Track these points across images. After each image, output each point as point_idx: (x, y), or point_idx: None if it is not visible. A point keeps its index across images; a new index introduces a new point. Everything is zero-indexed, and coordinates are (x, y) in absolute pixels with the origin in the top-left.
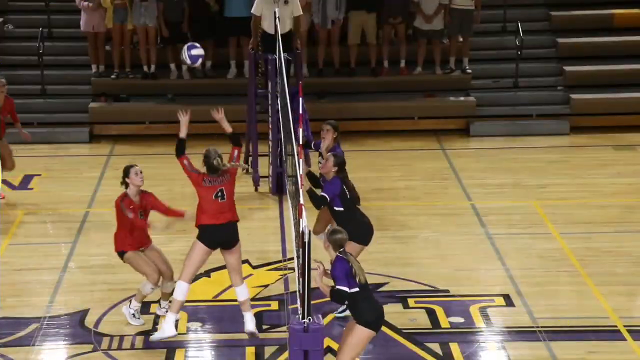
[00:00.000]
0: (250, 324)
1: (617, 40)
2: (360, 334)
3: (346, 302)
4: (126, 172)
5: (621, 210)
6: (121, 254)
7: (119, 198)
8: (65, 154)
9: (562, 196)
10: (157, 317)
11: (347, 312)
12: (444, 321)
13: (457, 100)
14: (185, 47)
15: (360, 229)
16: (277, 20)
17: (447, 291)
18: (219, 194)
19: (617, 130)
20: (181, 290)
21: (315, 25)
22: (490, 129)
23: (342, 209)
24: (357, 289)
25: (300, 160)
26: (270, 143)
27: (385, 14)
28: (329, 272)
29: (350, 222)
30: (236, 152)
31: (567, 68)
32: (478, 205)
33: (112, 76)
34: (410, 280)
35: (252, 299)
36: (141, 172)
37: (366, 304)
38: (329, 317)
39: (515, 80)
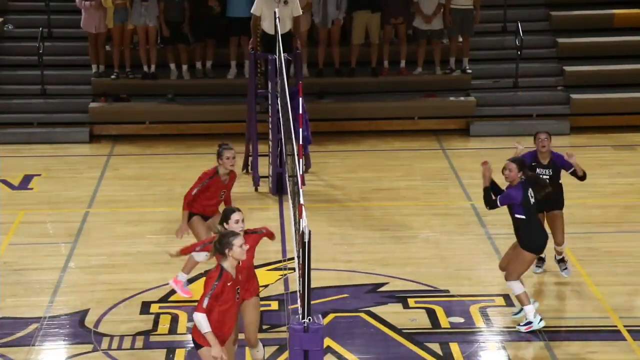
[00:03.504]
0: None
1: (617, 40)
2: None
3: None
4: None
5: (621, 210)
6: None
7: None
8: (65, 154)
9: None
10: (158, 317)
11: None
12: (444, 321)
13: (457, 100)
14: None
15: (538, 241)
16: (277, 20)
17: (447, 291)
18: None
19: (617, 130)
20: None
21: (315, 25)
22: (490, 129)
23: (523, 217)
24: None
25: (301, 161)
26: (270, 143)
27: (387, 14)
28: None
29: (530, 232)
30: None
31: (567, 68)
32: (478, 205)
33: (112, 76)
34: (410, 280)
35: None
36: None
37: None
38: (329, 317)
39: (515, 80)
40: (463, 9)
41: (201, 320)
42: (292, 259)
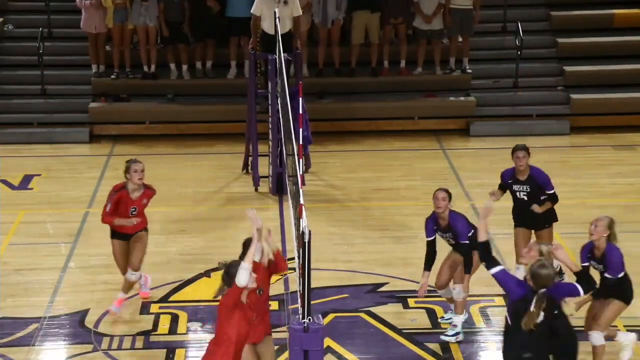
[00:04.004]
0: None
1: (617, 40)
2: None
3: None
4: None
5: (621, 210)
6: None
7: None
8: (65, 154)
9: (562, 196)
10: (158, 317)
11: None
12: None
13: (457, 100)
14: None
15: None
16: (277, 20)
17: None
18: None
19: (617, 130)
20: None
21: (315, 25)
22: (490, 129)
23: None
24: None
25: (301, 161)
26: (270, 143)
27: (387, 14)
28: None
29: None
30: None
31: (567, 68)
32: (478, 206)
33: (112, 76)
34: (410, 280)
35: None
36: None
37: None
38: (329, 317)
39: (515, 80)
40: (462, 9)
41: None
42: (292, 259)
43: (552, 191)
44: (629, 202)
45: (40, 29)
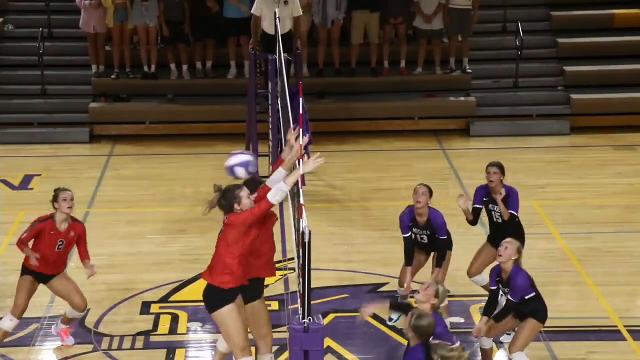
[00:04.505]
0: None
1: (617, 40)
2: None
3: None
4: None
5: (621, 210)
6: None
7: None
8: (65, 154)
9: (562, 196)
10: (158, 317)
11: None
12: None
13: (457, 100)
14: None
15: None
16: (277, 20)
17: (447, 291)
18: None
19: (617, 130)
20: None
21: (315, 25)
22: (490, 129)
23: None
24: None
25: (301, 161)
26: (270, 143)
27: (387, 14)
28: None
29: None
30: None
31: (567, 68)
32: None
33: (112, 76)
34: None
35: None
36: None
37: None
38: (329, 317)
39: (515, 80)
40: (461, 9)
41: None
42: (292, 259)
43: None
44: (629, 202)
45: (40, 29)
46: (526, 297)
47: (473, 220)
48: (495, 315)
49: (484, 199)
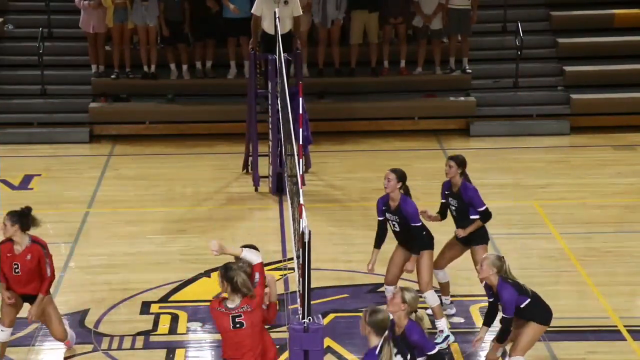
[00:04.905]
0: None
1: (617, 40)
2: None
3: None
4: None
5: (621, 210)
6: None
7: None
8: (65, 154)
9: (562, 196)
10: (158, 317)
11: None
12: None
13: (457, 100)
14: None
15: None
16: (277, 20)
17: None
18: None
19: (617, 130)
20: None
21: (315, 25)
22: (490, 129)
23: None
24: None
25: (301, 161)
26: (270, 143)
27: (387, 14)
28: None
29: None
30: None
31: (567, 68)
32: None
33: (112, 76)
34: (411, 281)
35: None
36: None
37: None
38: (329, 317)
39: (515, 80)
40: (460, 9)
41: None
42: (292, 259)
43: (483, 208)
44: (629, 202)
45: (40, 29)
46: (521, 307)
47: (440, 213)
48: (498, 337)
49: (446, 192)
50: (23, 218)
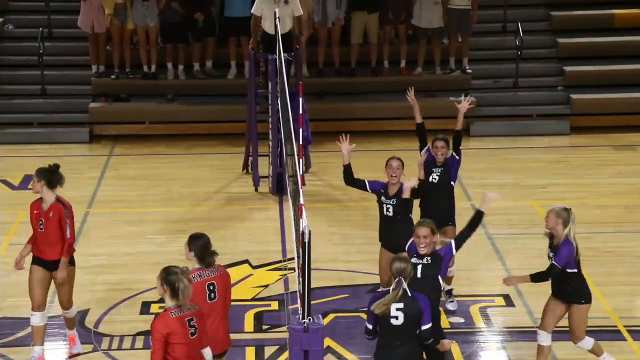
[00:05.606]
0: None
1: (617, 40)
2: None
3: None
4: None
5: (621, 210)
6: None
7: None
8: (65, 154)
9: (562, 196)
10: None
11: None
12: (444, 321)
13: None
14: None
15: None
16: (277, 20)
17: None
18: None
19: (617, 130)
20: None
21: (315, 24)
22: (490, 129)
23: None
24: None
25: (301, 161)
26: (270, 143)
27: (386, 14)
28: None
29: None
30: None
31: (567, 68)
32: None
33: (112, 76)
34: None
35: (252, 299)
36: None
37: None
38: (329, 317)
39: (515, 80)
40: (460, 9)
41: None
42: (292, 259)
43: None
44: (629, 202)
45: (40, 29)
46: (568, 271)
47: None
48: (535, 274)
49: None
50: (49, 175)
